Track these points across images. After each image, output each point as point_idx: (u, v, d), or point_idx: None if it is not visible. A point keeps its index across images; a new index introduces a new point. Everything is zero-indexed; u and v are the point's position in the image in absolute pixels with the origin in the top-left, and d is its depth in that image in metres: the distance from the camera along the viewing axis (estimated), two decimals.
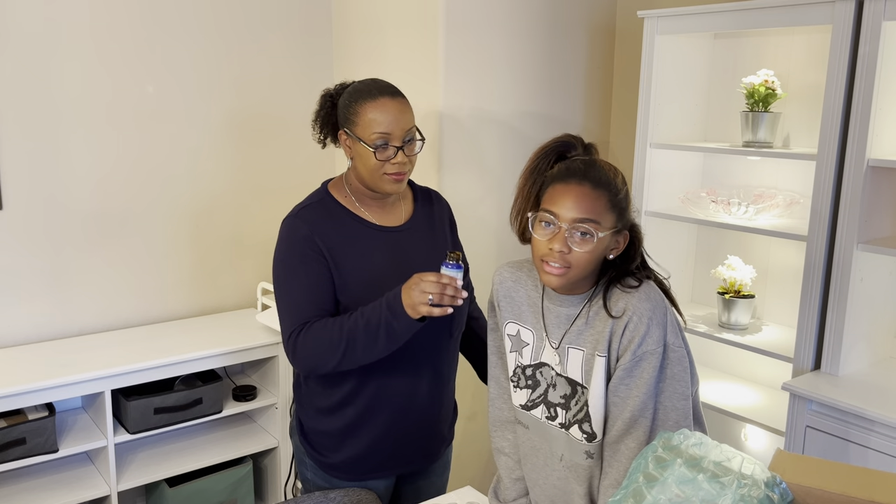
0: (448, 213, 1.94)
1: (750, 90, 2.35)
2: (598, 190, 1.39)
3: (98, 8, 2.58)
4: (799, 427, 2.10)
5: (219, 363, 2.62)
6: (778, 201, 2.38)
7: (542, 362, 1.53)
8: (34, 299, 2.63)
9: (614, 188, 1.40)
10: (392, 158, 1.67)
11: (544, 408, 1.53)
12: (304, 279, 1.68)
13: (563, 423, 1.50)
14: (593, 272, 1.45)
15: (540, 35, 2.86)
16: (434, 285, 1.51)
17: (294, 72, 3.03)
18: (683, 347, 1.44)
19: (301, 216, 1.72)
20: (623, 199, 1.42)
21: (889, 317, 2.27)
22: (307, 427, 1.85)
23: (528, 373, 1.55)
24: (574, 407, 1.48)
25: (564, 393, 1.49)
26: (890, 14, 1.96)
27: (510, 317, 1.58)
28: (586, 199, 1.38)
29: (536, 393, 1.53)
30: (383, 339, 1.59)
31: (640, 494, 1.04)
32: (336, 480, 1.82)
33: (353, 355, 1.61)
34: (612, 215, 1.40)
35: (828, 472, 1.10)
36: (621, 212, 1.41)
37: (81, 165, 2.64)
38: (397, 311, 1.55)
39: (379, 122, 1.65)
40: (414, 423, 1.81)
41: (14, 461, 2.33)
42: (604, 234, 1.39)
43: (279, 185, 3.04)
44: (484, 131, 2.76)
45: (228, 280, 3.03)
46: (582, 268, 1.40)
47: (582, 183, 1.39)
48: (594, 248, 1.38)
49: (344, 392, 1.76)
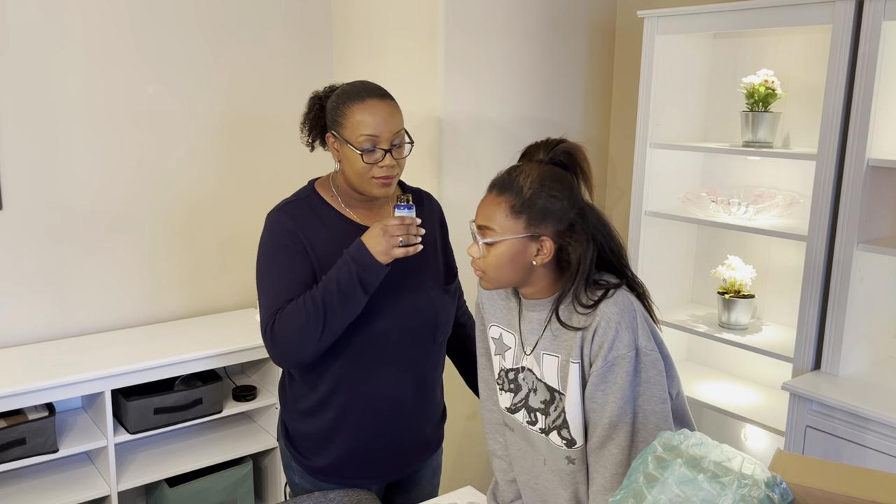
0: (439, 215, 1.91)
1: (750, 90, 2.35)
2: (502, 195, 1.38)
3: (98, 8, 2.58)
4: (799, 427, 2.10)
5: (219, 363, 2.62)
6: (778, 201, 2.38)
7: (523, 366, 1.52)
8: (34, 299, 2.63)
9: (519, 192, 1.37)
10: (380, 161, 1.65)
11: (525, 412, 1.52)
12: (285, 272, 1.67)
13: (542, 428, 1.49)
14: (542, 279, 1.43)
15: (540, 35, 2.86)
16: (399, 227, 1.57)
17: (294, 73, 3.03)
18: (657, 350, 1.41)
19: (285, 210, 1.72)
20: (534, 203, 1.37)
21: (889, 317, 2.27)
22: (291, 430, 1.84)
23: (511, 376, 1.54)
24: (553, 413, 1.47)
25: (544, 398, 1.48)
26: (890, 14, 1.96)
27: (493, 320, 1.58)
28: (488, 205, 1.40)
29: (518, 397, 1.53)
30: (359, 294, 1.60)
31: (641, 494, 1.04)
32: (323, 485, 1.80)
33: (333, 321, 1.60)
34: (516, 220, 1.37)
35: (828, 473, 1.10)
36: (532, 217, 1.37)
37: (82, 165, 2.64)
38: (366, 263, 1.58)
39: (367, 124, 1.63)
40: (397, 427, 1.78)
41: (14, 461, 2.33)
42: (502, 240, 1.38)
43: (279, 185, 3.03)
44: (483, 132, 2.76)
45: (228, 280, 3.03)
46: (496, 272, 1.40)
47: (491, 191, 1.41)
48: (497, 254, 1.38)
49: (322, 392, 1.74)
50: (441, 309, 1.79)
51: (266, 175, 3.03)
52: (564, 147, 1.43)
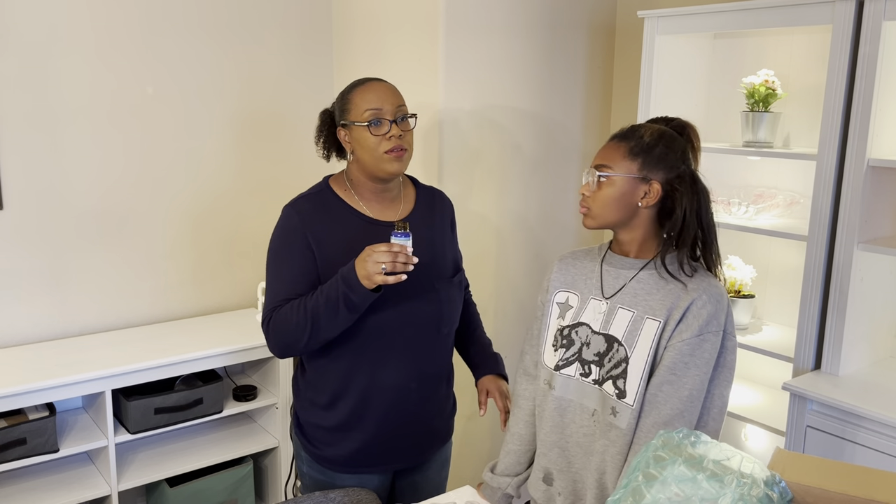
0: (450, 214, 1.95)
1: (750, 90, 2.35)
2: (622, 142, 1.51)
3: (98, 8, 2.58)
4: (799, 427, 2.10)
5: (219, 363, 2.62)
6: (778, 201, 2.38)
7: (579, 322, 1.57)
8: (34, 299, 2.63)
9: (639, 139, 1.50)
10: (388, 133, 1.71)
11: (578, 365, 1.56)
12: (287, 268, 1.74)
13: (596, 378, 1.53)
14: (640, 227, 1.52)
15: (540, 35, 2.86)
16: (386, 254, 1.57)
17: (294, 72, 3.03)
18: (736, 339, 1.51)
19: (296, 205, 1.78)
20: (652, 148, 1.48)
21: (889, 317, 2.27)
22: (303, 420, 1.88)
23: (566, 332, 1.59)
24: (608, 364, 1.51)
25: (598, 350, 1.53)
26: (890, 14, 1.96)
27: (561, 286, 1.64)
28: (608, 149, 1.53)
29: (570, 352, 1.57)
30: (343, 312, 1.64)
31: (640, 493, 1.04)
32: (331, 473, 1.84)
33: (318, 332, 1.67)
34: (631, 162, 1.49)
35: (827, 471, 1.10)
36: (647, 161, 1.48)
37: (82, 165, 2.64)
38: (353, 284, 1.60)
39: (369, 99, 1.72)
40: (405, 419, 1.82)
41: (14, 461, 2.33)
42: (616, 176, 1.48)
43: (279, 185, 3.04)
44: (484, 131, 2.76)
45: (229, 280, 3.03)
46: (602, 209, 1.50)
47: (612, 139, 1.54)
48: (607, 191, 1.49)
49: (330, 384, 1.79)
50: (446, 300, 1.82)
51: (266, 174, 3.03)
52: (679, 122, 1.59)
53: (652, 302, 1.48)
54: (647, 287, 1.50)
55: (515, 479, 1.71)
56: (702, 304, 1.44)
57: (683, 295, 1.46)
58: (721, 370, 1.48)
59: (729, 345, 1.48)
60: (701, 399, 1.46)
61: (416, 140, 2.72)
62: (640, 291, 1.51)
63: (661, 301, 1.47)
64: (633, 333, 1.49)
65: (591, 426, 1.55)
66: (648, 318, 1.47)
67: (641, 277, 1.52)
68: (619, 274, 1.55)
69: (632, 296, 1.52)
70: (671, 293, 1.47)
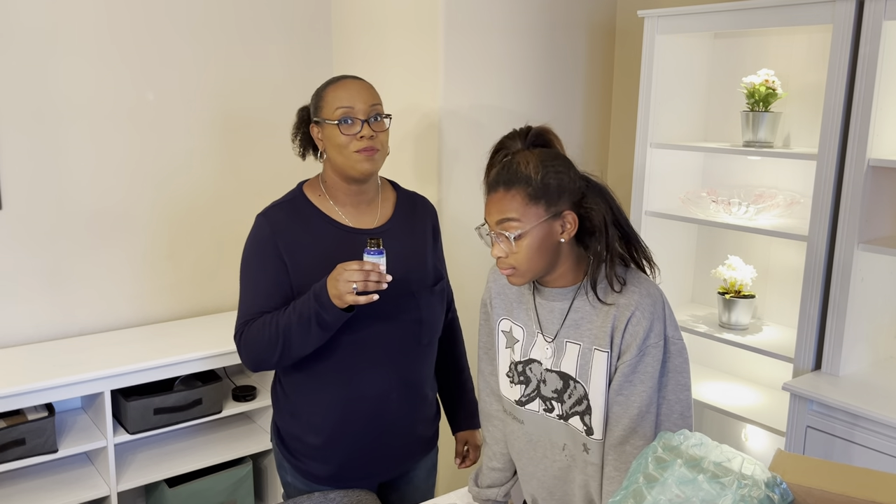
0: (432, 219, 1.89)
1: (750, 90, 2.35)
2: (512, 189, 1.39)
3: (98, 8, 2.58)
4: (799, 427, 2.10)
5: (218, 363, 2.62)
6: (778, 201, 2.37)
7: (531, 359, 1.54)
8: (34, 299, 2.63)
9: (528, 180, 1.39)
10: (358, 133, 1.67)
11: (540, 401, 1.54)
12: (259, 280, 1.70)
13: (560, 414, 1.51)
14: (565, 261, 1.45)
15: (540, 35, 2.86)
16: (357, 273, 1.51)
17: (293, 73, 3.03)
18: (682, 339, 1.46)
19: (268, 214, 1.73)
20: (548, 184, 1.38)
21: (889, 317, 2.27)
22: (283, 432, 1.83)
23: (519, 369, 1.56)
24: (568, 400, 1.48)
25: (556, 388, 1.50)
26: (890, 14, 1.95)
27: (503, 313, 1.60)
28: (500, 202, 1.40)
29: (530, 388, 1.55)
30: (315, 330, 1.60)
31: (640, 495, 1.03)
32: (314, 485, 1.80)
33: (289, 349, 1.63)
34: (536, 206, 1.39)
35: (828, 473, 1.10)
36: (549, 197, 1.39)
37: (82, 166, 2.64)
38: (325, 303, 1.56)
39: (341, 97, 1.68)
40: (386, 430, 1.78)
41: (14, 461, 2.32)
42: (529, 227, 1.39)
43: (279, 186, 3.02)
44: (483, 131, 2.75)
45: (228, 280, 3.02)
46: (528, 264, 1.41)
47: (497, 189, 1.41)
48: (526, 245, 1.39)
49: (309, 395, 1.75)
50: (426, 310, 1.78)
51: (266, 175, 3.03)
52: (535, 131, 1.49)
53: (594, 329, 1.44)
54: (584, 314, 1.46)
55: (502, 489, 1.71)
56: (636, 320, 1.40)
57: (618, 314, 1.41)
58: (671, 375, 1.43)
59: (674, 349, 1.43)
60: (652, 411, 1.42)
61: (415, 141, 2.72)
62: (580, 321, 1.46)
63: (601, 327, 1.43)
64: (584, 368, 1.45)
65: (564, 459, 1.54)
66: (596, 350, 1.44)
67: (577, 307, 1.47)
68: (553, 308, 1.49)
69: (574, 328, 1.47)
70: (608, 315, 1.43)
